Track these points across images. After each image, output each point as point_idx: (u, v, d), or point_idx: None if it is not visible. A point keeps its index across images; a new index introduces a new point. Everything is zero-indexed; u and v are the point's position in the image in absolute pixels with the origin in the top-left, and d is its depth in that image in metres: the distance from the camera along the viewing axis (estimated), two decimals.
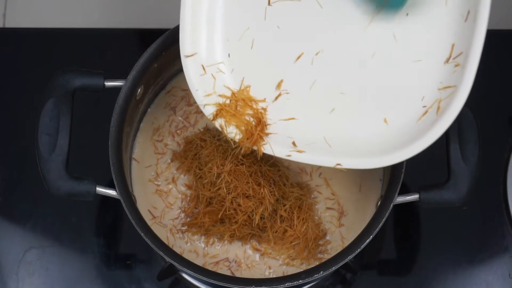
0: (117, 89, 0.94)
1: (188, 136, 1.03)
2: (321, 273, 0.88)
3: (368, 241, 0.89)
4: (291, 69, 0.91)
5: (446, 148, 0.91)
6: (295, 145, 0.90)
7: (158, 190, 1.02)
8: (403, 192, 0.92)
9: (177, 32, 0.92)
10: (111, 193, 0.92)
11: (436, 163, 0.98)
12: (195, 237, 1.00)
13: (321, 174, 1.02)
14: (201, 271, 0.89)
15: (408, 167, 0.91)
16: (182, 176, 1.02)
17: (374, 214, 0.92)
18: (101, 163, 0.97)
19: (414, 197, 0.92)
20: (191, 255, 0.99)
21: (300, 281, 0.88)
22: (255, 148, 0.91)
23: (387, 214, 0.90)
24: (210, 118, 0.91)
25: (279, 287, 0.88)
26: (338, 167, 0.88)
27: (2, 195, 1.13)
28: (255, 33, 0.91)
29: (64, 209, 1.12)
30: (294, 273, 0.90)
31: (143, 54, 0.95)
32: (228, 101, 0.92)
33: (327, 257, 0.96)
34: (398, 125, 0.87)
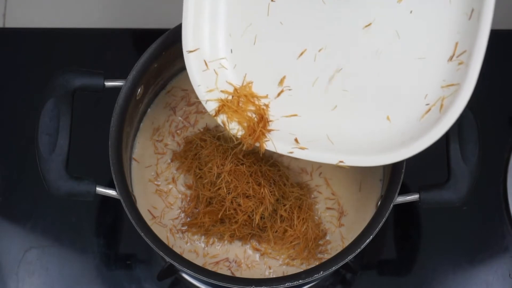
0: (117, 89, 0.94)
1: (188, 136, 1.03)
2: (321, 273, 0.88)
3: (368, 241, 0.89)
4: (293, 66, 0.91)
5: (446, 148, 0.91)
6: (297, 142, 0.90)
7: (158, 190, 1.01)
8: (403, 192, 0.92)
9: (177, 32, 0.92)
10: (111, 193, 0.91)
11: (436, 163, 0.98)
12: (195, 237, 1.00)
13: (321, 174, 1.02)
14: (201, 271, 0.89)
15: (408, 167, 0.91)
16: (182, 176, 1.02)
17: (374, 214, 0.92)
18: (101, 163, 0.96)
19: (414, 197, 0.92)
20: (191, 255, 0.99)
21: (300, 281, 0.88)
22: (257, 144, 0.91)
23: (387, 214, 0.90)
24: (212, 114, 0.91)
25: (279, 287, 0.88)
26: (341, 164, 0.88)
27: (2, 195, 1.13)
28: (258, 29, 0.91)
29: (64, 209, 1.12)
30: (294, 273, 0.90)
31: (143, 54, 0.95)
32: (230, 97, 0.91)
33: (327, 257, 0.96)
34: (401, 123, 0.87)
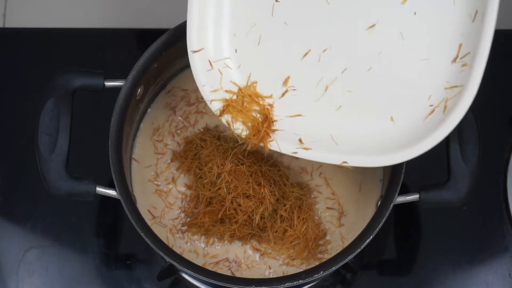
0: (117, 89, 0.94)
1: (188, 136, 1.03)
2: (321, 273, 0.88)
3: (368, 241, 0.89)
4: (298, 66, 0.91)
5: (446, 148, 0.91)
6: (301, 142, 0.90)
7: (158, 190, 1.01)
8: (403, 192, 0.92)
9: (178, 32, 0.92)
10: (111, 193, 0.91)
11: (436, 163, 0.98)
12: (195, 237, 1.00)
13: (321, 174, 1.02)
14: (201, 271, 0.89)
15: (408, 167, 0.91)
16: (182, 176, 1.02)
17: (374, 214, 0.92)
18: (101, 163, 0.96)
19: (414, 197, 0.92)
20: (191, 255, 0.99)
21: (300, 281, 0.88)
22: (262, 145, 0.91)
23: (387, 214, 0.90)
24: (217, 114, 0.91)
25: (279, 287, 0.88)
26: (344, 164, 0.88)
27: (2, 195, 1.13)
28: (262, 29, 0.91)
29: (64, 209, 1.12)
30: (294, 273, 0.90)
31: (143, 54, 0.95)
32: (235, 97, 0.92)
33: (327, 257, 0.96)
34: (405, 124, 0.87)
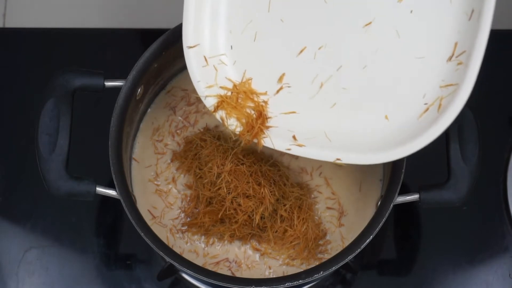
0: (117, 89, 0.94)
1: (188, 136, 1.03)
2: (321, 273, 0.88)
3: (368, 241, 0.89)
4: (293, 63, 0.91)
5: (446, 148, 0.91)
6: (295, 139, 0.90)
7: (158, 190, 1.01)
8: (403, 192, 0.92)
9: (177, 32, 0.92)
10: (111, 193, 0.91)
11: (436, 163, 0.98)
12: (195, 237, 1.00)
13: (321, 174, 1.02)
14: (201, 271, 0.89)
15: (408, 167, 0.91)
16: (182, 176, 1.02)
17: (374, 214, 0.92)
18: (101, 163, 0.96)
19: (414, 197, 0.92)
20: (191, 255, 0.99)
21: (300, 281, 0.88)
22: (255, 141, 0.91)
23: (387, 214, 0.90)
24: (211, 109, 0.91)
25: (279, 287, 0.88)
26: (338, 162, 0.88)
27: (2, 195, 1.13)
28: (258, 26, 0.91)
29: (64, 209, 1.12)
30: (294, 273, 0.90)
31: (143, 54, 0.95)
32: (230, 93, 0.92)
33: (327, 257, 0.96)
34: (399, 122, 0.87)
